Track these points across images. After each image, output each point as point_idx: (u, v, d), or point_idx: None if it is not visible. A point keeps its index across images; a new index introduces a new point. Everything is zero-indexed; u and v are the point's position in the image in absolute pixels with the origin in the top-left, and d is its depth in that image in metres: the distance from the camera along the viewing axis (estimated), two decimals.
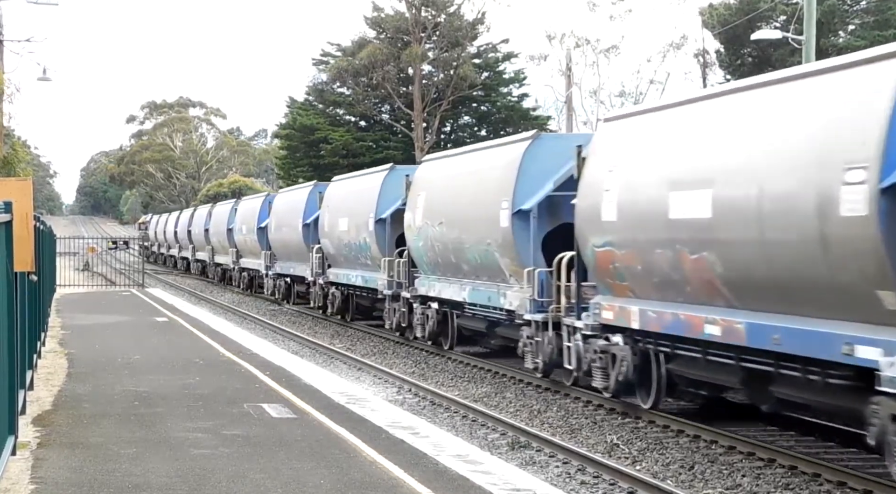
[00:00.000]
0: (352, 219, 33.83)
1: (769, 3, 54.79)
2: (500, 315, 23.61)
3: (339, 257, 36.01)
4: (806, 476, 14.00)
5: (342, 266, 35.85)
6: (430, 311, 27.74)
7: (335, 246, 36.10)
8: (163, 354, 22.72)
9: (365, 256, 32.86)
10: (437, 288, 26.84)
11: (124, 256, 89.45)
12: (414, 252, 28.31)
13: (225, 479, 11.11)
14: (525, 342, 21.87)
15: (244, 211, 53.99)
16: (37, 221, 16.23)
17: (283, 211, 44.54)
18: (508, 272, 22.66)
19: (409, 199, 28.55)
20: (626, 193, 17.44)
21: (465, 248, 24.68)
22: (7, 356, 11.40)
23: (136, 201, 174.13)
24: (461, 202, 25.11)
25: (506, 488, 11.24)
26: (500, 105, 70.18)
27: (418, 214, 27.55)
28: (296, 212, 41.80)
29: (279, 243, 45.08)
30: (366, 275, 33.08)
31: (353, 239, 33.77)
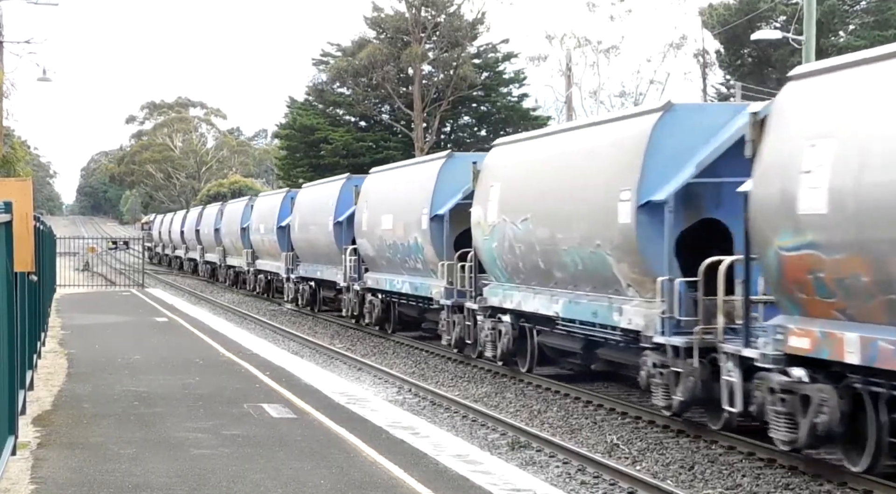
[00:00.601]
0: (399, 216, 29.62)
1: (769, 3, 54.79)
2: (609, 335, 18.82)
3: (379, 259, 31.82)
4: (806, 476, 14.00)
5: (383, 270, 31.70)
6: (503, 326, 23.18)
7: (376, 247, 31.75)
8: (163, 354, 22.72)
9: (415, 259, 28.75)
10: (515, 299, 22.47)
11: (124, 256, 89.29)
12: (483, 255, 24.01)
13: (225, 479, 11.11)
14: (651, 372, 17.16)
15: (262, 209, 49.44)
16: (37, 221, 16.23)
17: (309, 208, 40.26)
18: (626, 282, 17.98)
19: (477, 191, 24.34)
20: (849, 173, 12.49)
21: (559, 250, 20.09)
22: (7, 356, 11.40)
23: (136, 201, 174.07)
24: (555, 194, 20.37)
25: (506, 488, 11.24)
26: (500, 105, 70.15)
27: (491, 209, 23.19)
28: (325, 209, 37.51)
29: (304, 244, 40.81)
30: (415, 281, 29.00)
31: (399, 239, 29.50)
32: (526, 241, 21.53)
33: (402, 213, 29.33)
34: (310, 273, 40.55)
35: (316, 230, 38.64)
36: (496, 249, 23.02)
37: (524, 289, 22.14)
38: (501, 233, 22.55)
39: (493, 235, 23.00)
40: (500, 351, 23.32)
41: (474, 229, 24.24)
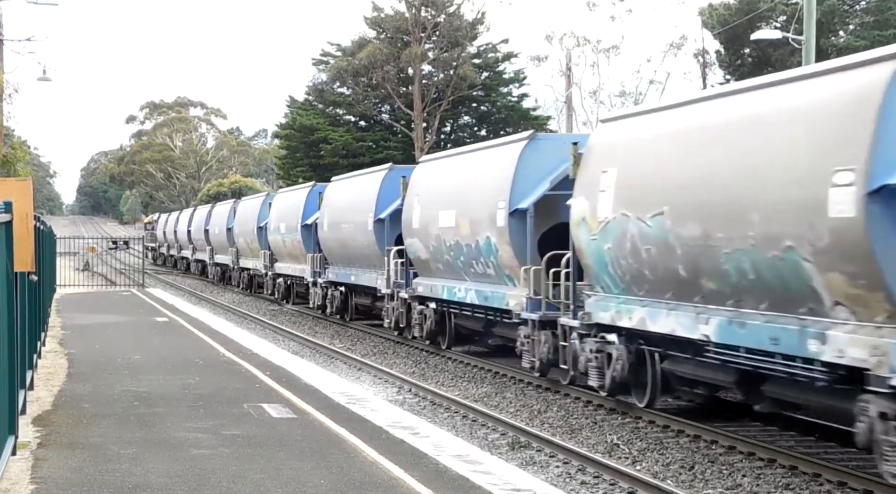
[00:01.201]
0: (464, 211, 25.06)
1: (769, 3, 54.78)
2: (797, 369, 14.05)
3: (435, 263, 27.15)
4: (806, 476, 14.00)
5: (439, 276, 27.06)
6: (614, 349, 18.34)
7: (431, 249, 27.07)
8: (163, 354, 22.72)
9: (485, 263, 23.96)
10: (635, 315, 17.48)
11: (124, 256, 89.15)
12: (588, 258, 18.94)
13: (225, 479, 11.11)
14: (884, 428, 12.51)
15: (282, 206, 45.00)
16: (37, 221, 16.23)
17: (342, 204, 35.98)
18: (833, 298, 13.07)
19: (579, 179, 19.36)
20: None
21: (717, 254, 15.21)
22: (7, 355, 11.40)
23: (136, 201, 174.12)
24: (715, 179, 15.35)
25: (506, 488, 11.24)
26: (500, 105, 70.18)
27: (603, 201, 18.17)
28: (363, 204, 33.10)
29: (335, 244, 36.59)
30: (484, 289, 24.23)
31: (465, 239, 24.78)
32: (660, 242, 16.55)
33: (469, 207, 24.70)
34: (342, 277, 36.33)
35: (351, 229, 34.35)
36: (609, 251, 17.98)
37: (651, 303, 17.10)
38: (619, 231, 17.59)
39: (606, 234, 18.03)
40: (611, 380, 18.44)
41: (575, 228, 19.31)
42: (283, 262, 45.29)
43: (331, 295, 37.86)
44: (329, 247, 37.43)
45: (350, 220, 34.42)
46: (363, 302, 35.58)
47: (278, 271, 46.26)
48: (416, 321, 28.72)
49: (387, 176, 32.61)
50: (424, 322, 28.19)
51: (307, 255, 40.20)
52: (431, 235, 26.89)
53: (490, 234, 23.39)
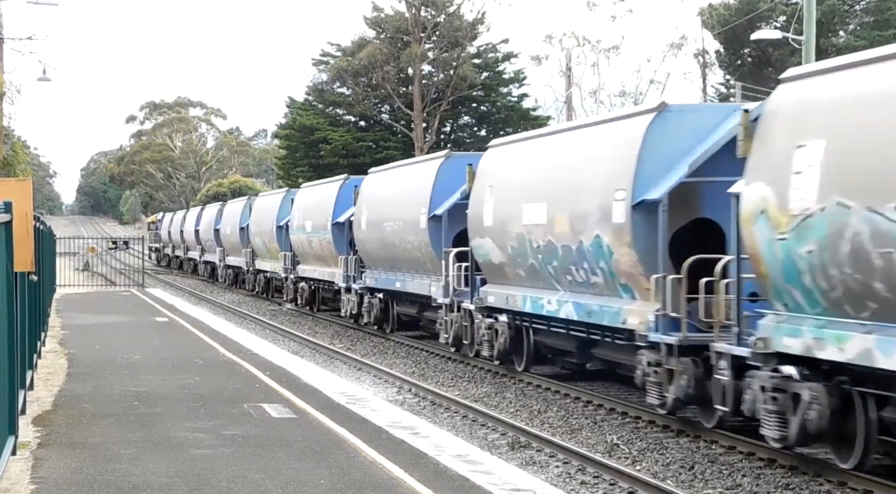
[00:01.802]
0: (560, 205, 20.18)
1: (769, 3, 54.79)
2: None
3: (513, 269, 22.50)
4: (806, 476, 14.00)
5: (520, 284, 22.31)
6: (809, 391, 13.48)
7: (509, 252, 22.41)
8: (163, 354, 22.72)
9: (591, 269, 19.09)
10: (853, 347, 12.74)
11: (125, 256, 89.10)
12: (770, 265, 14.07)
13: (225, 479, 11.11)
14: None
15: (308, 203, 40.41)
16: (37, 221, 16.24)
17: (383, 199, 31.71)
18: None
19: (755, 156, 14.56)
20: None
21: None
22: (7, 355, 11.40)
23: (136, 201, 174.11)
24: None
25: (506, 488, 11.24)
26: (499, 105, 70.18)
27: (800, 186, 13.46)
28: (413, 199, 28.70)
29: (375, 246, 32.06)
30: (587, 303, 19.41)
31: (561, 240, 20.00)
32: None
33: (568, 200, 19.96)
34: (383, 283, 31.83)
35: (398, 228, 29.75)
36: (809, 256, 13.26)
37: (882, 329, 12.37)
38: (831, 229, 12.91)
39: (804, 232, 13.33)
40: (799, 432, 13.60)
41: (748, 224, 14.49)
42: (308, 264, 40.74)
43: (368, 303, 33.13)
44: (367, 249, 32.86)
45: (396, 217, 29.80)
46: (407, 312, 31.20)
47: (302, 274, 41.72)
48: (482, 336, 23.83)
49: (443, 165, 27.98)
50: (495, 339, 23.26)
51: (339, 257, 35.81)
52: (510, 234, 22.19)
53: (601, 233, 18.41)
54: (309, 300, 41.61)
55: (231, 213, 58.24)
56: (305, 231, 39.80)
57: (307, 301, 41.67)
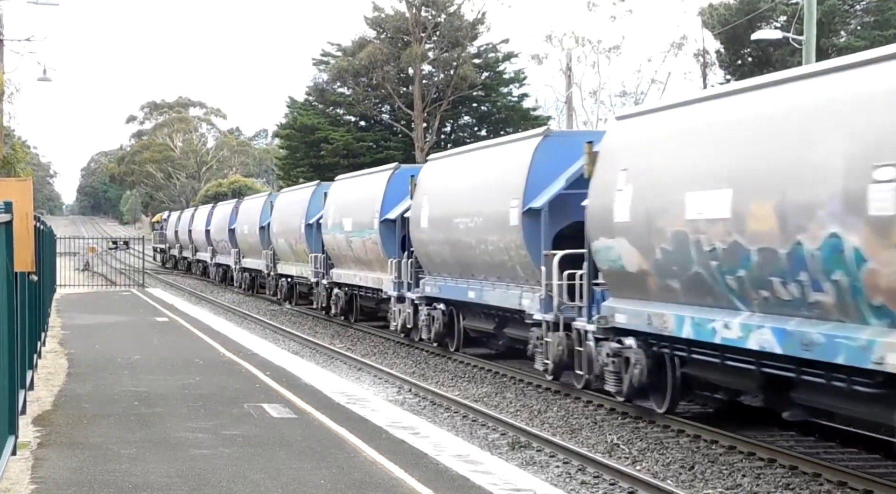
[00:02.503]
0: (753, 191, 14.61)
1: (769, 3, 54.79)
2: None
3: (659, 279, 16.91)
4: (806, 476, 14.00)
5: (670, 299, 16.76)
6: None
7: (658, 256, 16.76)
8: (163, 354, 22.72)
9: (813, 283, 13.50)
10: None
11: (125, 256, 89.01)
12: None
13: (225, 479, 11.11)
14: None
15: (347, 197, 35.55)
16: (37, 221, 16.23)
17: (454, 189, 26.23)
18: None
19: None
20: None
21: None
22: (7, 355, 11.40)
23: (136, 201, 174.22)
24: None
25: (506, 488, 11.24)
26: (500, 105, 70.23)
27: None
28: (499, 190, 23.24)
29: (441, 248, 26.54)
30: (801, 330, 13.83)
31: (758, 240, 14.47)
32: None
33: (774, 183, 14.22)
34: (448, 293, 26.40)
35: (474, 226, 24.36)
36: None
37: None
38: None
39: None
40: None
41: None
42: (345, 268, 35.70)
43: (427, 316, 27.89)
44: (429, 251, 27.47)
45: (473, 212, 24.47)
46: (480, 327, 25.97)
47: (337, 279, 36.71)
48: (604, 365, 18.51)
49: (543, 144, 22.34)
50: (624, 370, 17.94)
51: (389, 260, 30.78)
52: (662, 233, 16.48)
53: (841, 231, 12.89)
54: (345, 309, 36.30)
55: (249, 211, 53.14)
56: (343, 230, 34.79)
57: (343, 310, 36.37)
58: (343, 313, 36.50)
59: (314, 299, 40.23)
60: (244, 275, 54.65)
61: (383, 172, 33.16)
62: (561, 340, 20.63)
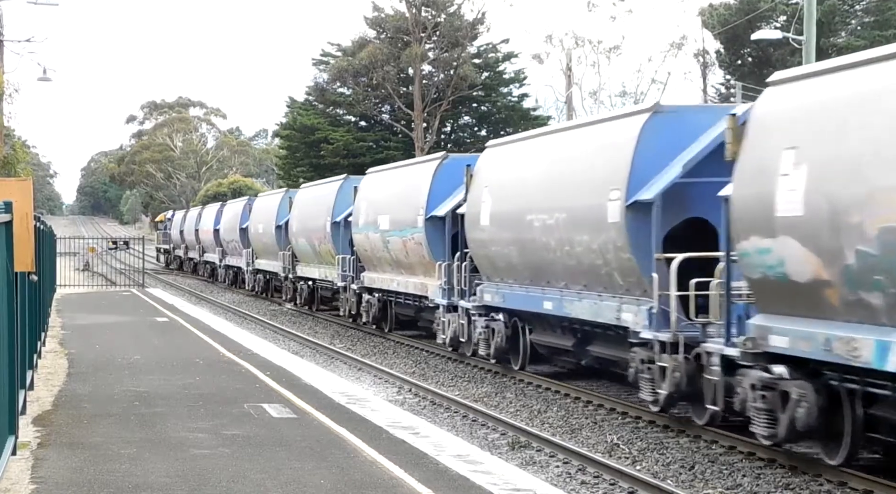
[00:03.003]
0: None
1: (769, 3, 54.79)
2: None
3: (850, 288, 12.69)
4: (806, 476, 14.00)
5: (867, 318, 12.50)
6: None
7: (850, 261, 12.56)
8: (163, 354, 22.72)
9: None
10: None
11: (125, 256, 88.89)
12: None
13: (225, 479, 11.11)
14: None
15: (381, 193, 31.80)
16: (37, 221, 16.24)
17: (524, 181, 22.16)
18: None
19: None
20: None
21: None
22: (7, 355, 11.40)
23: (136, 201, 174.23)
24: None
25: (506, 488, 11.24)
26: (500, 105, 70.22)
27: None
28: (591, 178, 19.06)
29: (506, 249, 22.55)
30: None
31: None
32: None
33: None
34: (515, 302, 22.53)
35: (554, 223, 20.15)
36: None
37: None
38: None
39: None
40: None
41: None
42: (379, 271, 31.96)
43: (484, 328, 23.81)
44: (491, 253, 23.51)
45: (552, 206, 20.35)
46: (555, 344, 21.83)
47: (369, 284, 32.80)
48: (757, 402, 14.38)
49: (650, 123, 17.92)
50: (790, 412, 13.83)
51: (437, 264, 26.78)
52: (860, 231, 12.36)
53: None
54: (377, 318, 32.58)
55: (263, 210, 49.35)
56: (378, 229, 31.01)
57: (375, 319, 32.69)
58: (375, 321, 32.74)
59: (340, 306, 36.41)
60: (257, 278, 51.26)
61: (428, 162, 29.40)
62: (679, 365, 16.48)
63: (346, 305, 35.54)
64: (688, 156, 17.40)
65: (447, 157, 28.45)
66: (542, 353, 23.12)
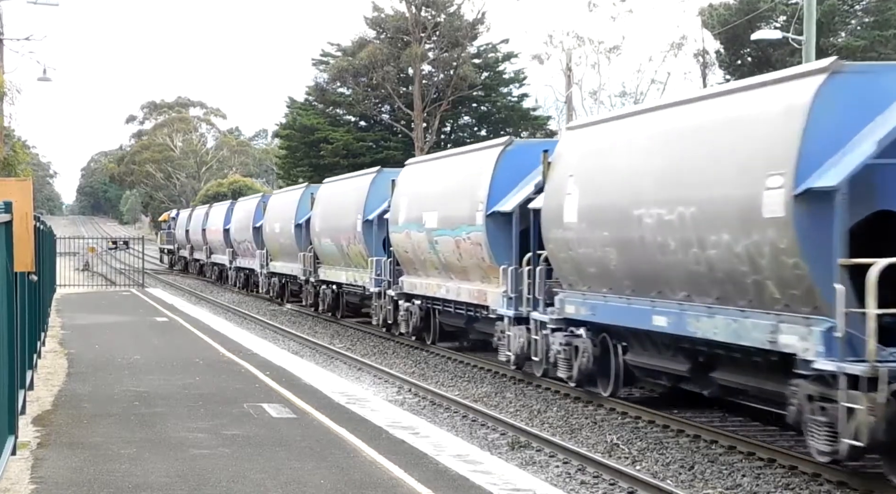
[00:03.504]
0: None
1: (769, 3, 54.79)
2: None
3: None
4: (806, 476, 14.00)
5: None
6: None
7: None
8: (163, 354, 22.72)
9: None
10: None
11: (125, 256, 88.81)
12: None
13: (225, 479, 11.11)
14: None
15: (429, 186, 27.82)
16: (37, 221, 16.23)
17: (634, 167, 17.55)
18: None
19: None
20: None
21: None
22: (7, 355, 11.40)
23: (136, 201, 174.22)
24: None
25: (506, 488, 11.24)
26: (500, 105, 70.26)
27: None
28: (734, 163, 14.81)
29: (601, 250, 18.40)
30: None
31: None
32: None
33: None
34: (612, 317, 18.54)
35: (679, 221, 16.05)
36: None
37: None
38: None
39: None
40: None
41: None
42: (423, 276, 28.37)
43: (565, 346, 19.90)
44: (577, 256, 19.28)
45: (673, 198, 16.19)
46: (665, 368, 17.93)
47: (409, 289, 29.34)
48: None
49: (825, 88, 13.60)
50: None
51: (501, 269, 22.77)
52: None
53: None
54: (419, 328, 29.08)
55: (279, 208, 45.48)
56: (423, 228, 27.28)
57: (415, 329, 29.21)
58: (416, 332, 29.20)
59: (373, 314, 32.36)
60: (272, 281, 47.38)
61: (489, 149, 24.69)
62: (877, 407, 12.48)
63: (379, 313, 31.69)
64: (883, 130, 13.22)
65: (511, 141, 23.92)
66: (637, 376, 19.60)
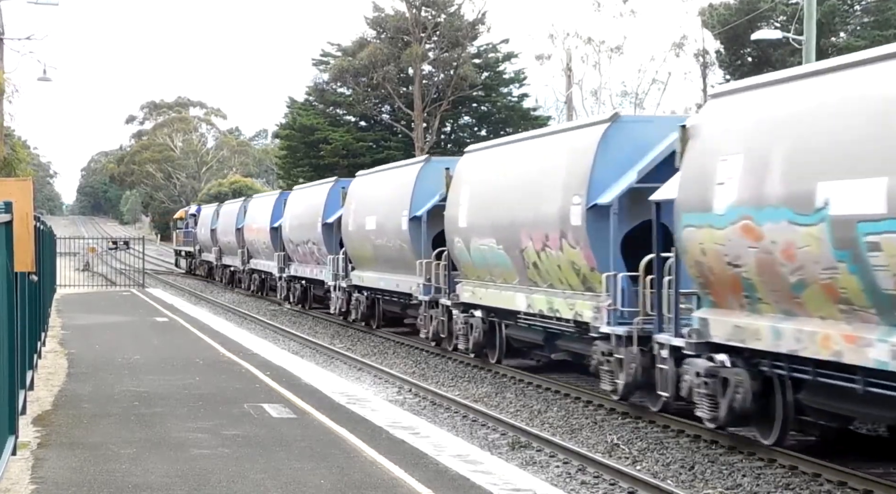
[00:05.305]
0: None
1: (769, 3, 54.79)
2: None
3: None
4: (806, 476, 14.00)
5: None
6: None
7: None
8: (163, 354, 22.72)
9: None
10: None
11: (125, 256, 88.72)
12: None
13: (225, 479, 11.11)
14: None
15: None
16: (37, 221, 16.23)
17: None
18: None
19: None
20: None
21: None
22: (7, 355, 11.40)
23: (136, 201, 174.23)
24: None
25: (506, 488, 11.24)
26: (500, 105, 70.23)
27: None
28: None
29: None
30: None
31: None
32: None
33: None
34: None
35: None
36: None
37: None
38: None
39: None
40: None
41: None
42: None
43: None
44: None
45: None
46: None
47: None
48: None
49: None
50: None
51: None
52: None
53: None
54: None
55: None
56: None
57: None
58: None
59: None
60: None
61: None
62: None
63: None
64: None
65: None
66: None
